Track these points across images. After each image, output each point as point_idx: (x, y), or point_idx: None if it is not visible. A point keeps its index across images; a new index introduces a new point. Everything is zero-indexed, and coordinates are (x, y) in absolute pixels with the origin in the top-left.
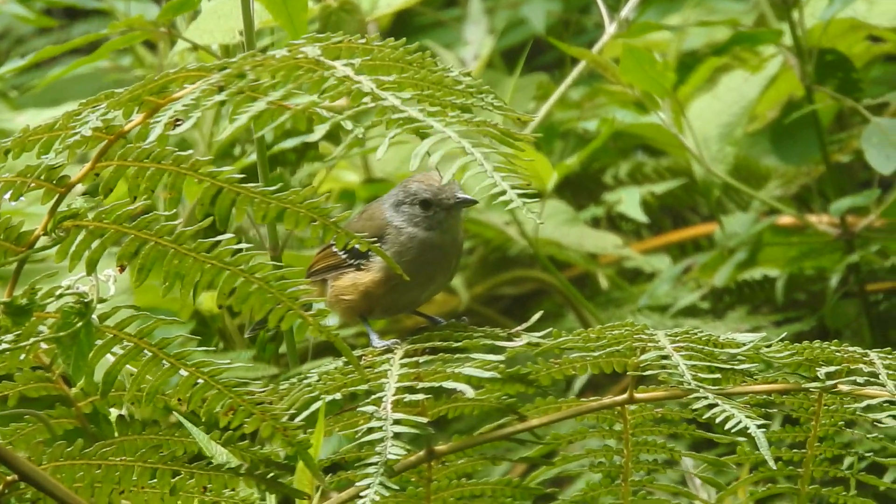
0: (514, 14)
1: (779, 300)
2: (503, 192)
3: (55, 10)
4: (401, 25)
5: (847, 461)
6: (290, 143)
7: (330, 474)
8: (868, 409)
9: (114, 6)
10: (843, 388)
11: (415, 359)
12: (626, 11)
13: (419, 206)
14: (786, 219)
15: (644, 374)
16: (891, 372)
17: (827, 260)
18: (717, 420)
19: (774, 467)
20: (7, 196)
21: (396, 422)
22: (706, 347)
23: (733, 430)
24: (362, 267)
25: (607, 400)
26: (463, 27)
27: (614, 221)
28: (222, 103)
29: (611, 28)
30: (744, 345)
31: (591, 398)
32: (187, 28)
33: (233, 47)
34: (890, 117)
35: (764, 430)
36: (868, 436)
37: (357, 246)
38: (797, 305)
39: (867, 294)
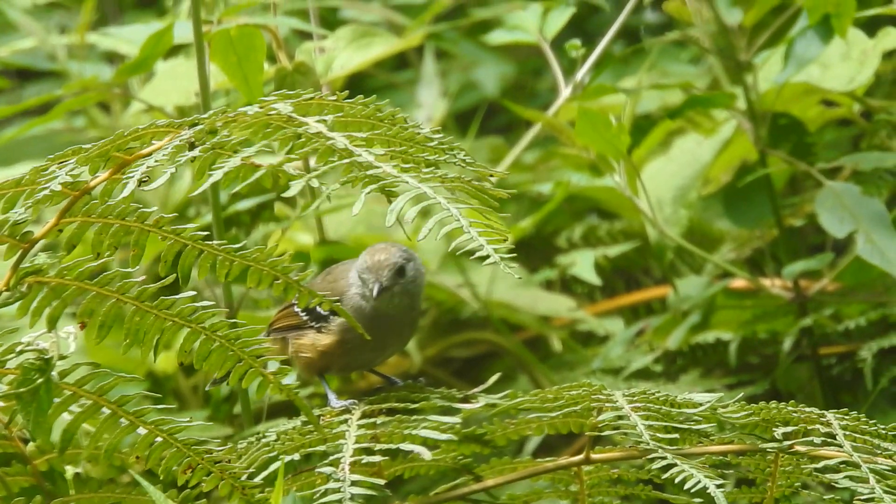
0: (467, 77)
1: (732, 363)
2: (480, 248)
3: (8, 70)
4: (354, 88)
5: None
6: (245, 205)
7: None
8: (825, 469)
9: (67, 68)
10: (800, 448)
11: (372, 420)
12: (580, 75)
13: (362, 278)
14: (739, 282)
15: (602, 433)
16: (847, 433)
17: (780, 323)
18: (676, 480)
19: None
20: None
21: (354, 483)
22: (663, 407)
23: (691, 491)
24: (322, 329)
25: (563, 460)
26: (416, 89)
27: (568, 284)
28: (194, 159)
29: (565, 91)
30: (700, 405)
31: (547, 459)
32: (142, 89)
33: (188, 108)
34: (843, 181)
35: (722, 489)
36: (825, 496)
37: (318, 307)
38: (750, 368)
39: (820, 358)
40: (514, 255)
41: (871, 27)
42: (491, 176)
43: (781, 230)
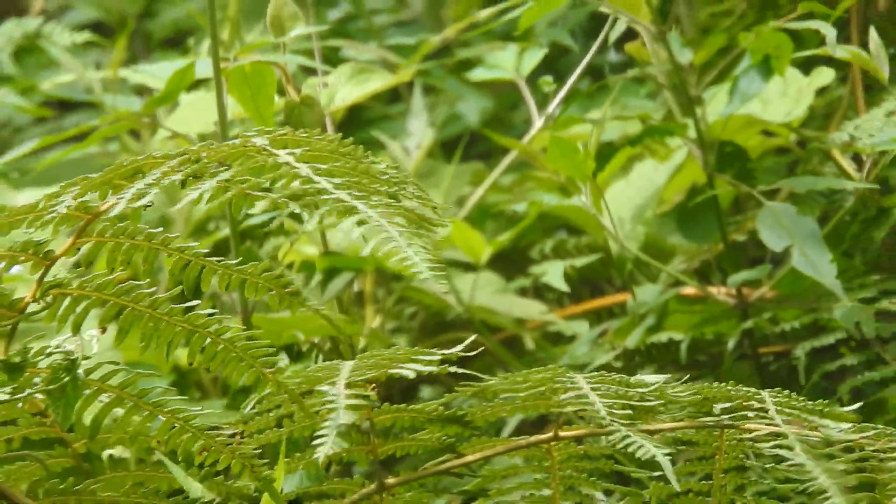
0: (451, 109)
1: (682, 360)
2: (407, 257)
3: (50, 102)
4: (353, 118)
5: (750, 490)
6: (257, 220)
7: None
8: (758, 440)
9: (102, 100)
10: (739, 424)
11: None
12: (551, 108)
13: None
14: (689, 290)
15: (563, 410)
16: (779, 408)
17: (724, 326)
18: (630, 450)
19: (678, 489)
20: (1, 266)
21: (348, 396)
22: (619, 388)
23: (650, 463)
24: None
25: (534, 438)
26: (407, 120)
27: (540, 291)
28: (182, 183)
29: (538, 122)
30: (651, 385)
31: (521, 438)
32: (167, 118)
33: (208, 135)
34: (781, 202)
35: (670, 458)
36: (765, 465)
37: None
38: (698, 365)
39: (759, 356)
40: (486, 266)
41: (807, 66)
42: (434, 207)
43: (726, 244)
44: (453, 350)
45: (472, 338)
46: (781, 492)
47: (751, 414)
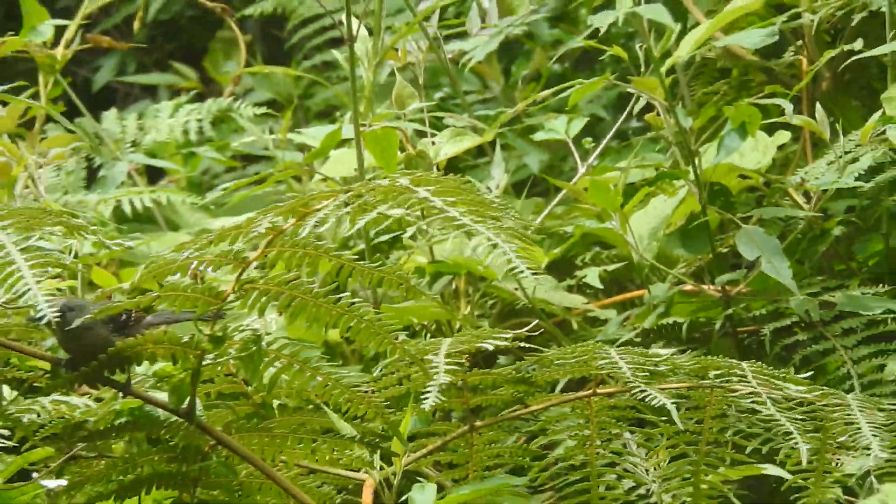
0: (519, 161)
1: (683, 337)
2: (517, 267)
3: (238, 155)
4: (451, 167)
5: (730, 431)
6: (384, 238)
7: (411, 443)
8: (740, 397)
9: (275, 154)
10: (726, 385)
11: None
12: (591, 160)
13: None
14: (688, 287)
15: (599, 373)
16: (754, 375)
17: (713, 312)
18: (647, 402)
19: (681, 426)
20: (210, 268)
21: (447, 363)
22: (640, 358)
23: (658, 408)
24: None
25: (579, 393)
26: (489, 168)
27: (582, 288)
28: (347, 213)
29: (582, 169)
30: (662, 356)
31: (569, 394)
32: (321, 167)
33: (350, 179)
34: (753, 225)
35: (675, 405)
36: (742, 415)
37: None
38: (695, 341)
39: (738, 334)
40: (544, 271)
41: (771, 129)
42: (528, 227)
43: (714, 255)
44: (521, 331)
45: (535, 322)
46: (751, 432)
47: (735, 378)
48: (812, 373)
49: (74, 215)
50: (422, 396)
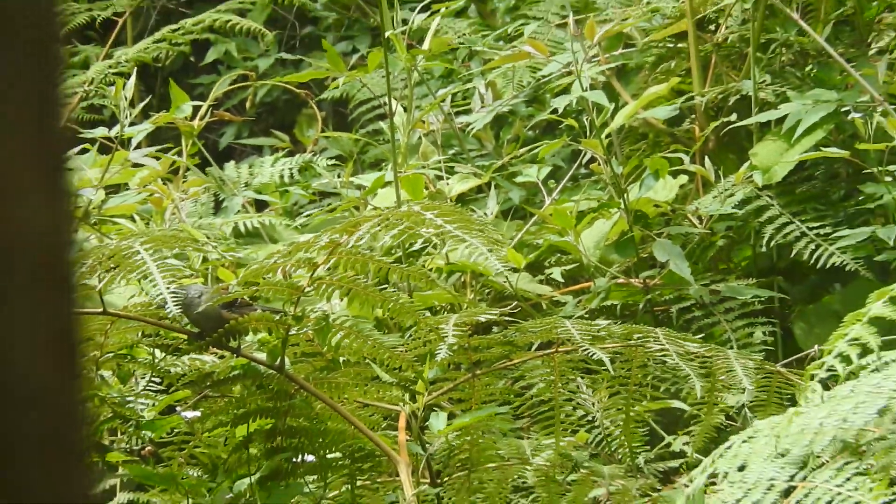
0: (506, 195)
1: (617, 314)
2: (491, 262)
3: (316, 192)
4: (460, 200)
5: (649, 377)
6: (415, 248)
7: (432, 385)
8: (657, 352)
9: (342, 191)
10: (645, 344)
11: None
12: (554, 195)
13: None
14: (620, 280)
15: (560, 337)
16: (665, 337)
17: (637, 297)
18: (592, 357)
19: (613, 373)
20: (293, 269)
21: (455, 330)
22: (586, 327)
23: (599, 361)
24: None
25: (547, 352)
26: (487, 201)
27: (549, 282)
28: (380, 230)
29: (548, 201)
30: (602, 325)
31: (540, 352)
32: (372, 200)
33: (391, 208)
34: (664, 238)
35: (610, 359)
36: (657, 365)
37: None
38: (625, 317)
39: (655, 312)
40: (524, 270)
41: (675, 174)
42: (501, 236)
43: (638, 258)
44: (506, 309)
45: (516, 304)
46: (663, 377)
47: (652, 340)
48: (703, 335)
49: (197, 238)
50: (437, 353)
